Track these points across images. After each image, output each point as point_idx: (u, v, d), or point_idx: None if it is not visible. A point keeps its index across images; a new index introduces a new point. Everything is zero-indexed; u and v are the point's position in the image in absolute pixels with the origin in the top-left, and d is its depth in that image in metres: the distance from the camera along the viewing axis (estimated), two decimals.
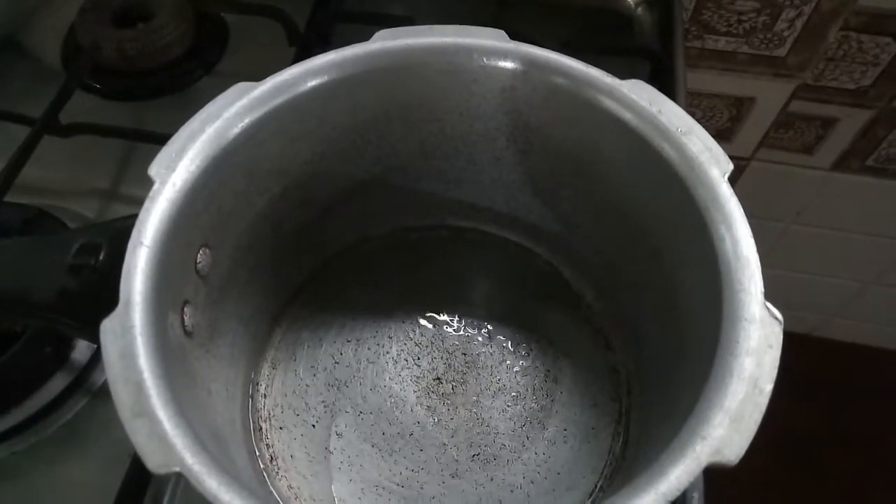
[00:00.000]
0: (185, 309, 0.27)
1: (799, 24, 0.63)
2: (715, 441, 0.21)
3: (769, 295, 0.24)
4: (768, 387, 0.22)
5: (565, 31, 0.51)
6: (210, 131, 0.28)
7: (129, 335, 0.23)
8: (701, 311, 0.26)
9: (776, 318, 0.23)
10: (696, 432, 0.22)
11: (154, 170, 0.26)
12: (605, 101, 0.29)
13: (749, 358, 0.23)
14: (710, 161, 0.27)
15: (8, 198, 0.42)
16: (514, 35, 0.31)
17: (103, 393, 0.39)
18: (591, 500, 0.33)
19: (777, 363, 0.23)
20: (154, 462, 0.21)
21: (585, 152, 0.31)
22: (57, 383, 0.38)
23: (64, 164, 0.47)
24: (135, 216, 0.26)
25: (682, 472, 0.21)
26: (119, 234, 0.26)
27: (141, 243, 0.25)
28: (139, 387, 0.22)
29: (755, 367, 0.22)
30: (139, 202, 0.26)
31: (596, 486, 0.34)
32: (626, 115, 0.28)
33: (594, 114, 0.29)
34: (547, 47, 0.31)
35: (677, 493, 0.21)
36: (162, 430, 0.21)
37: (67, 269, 0.28)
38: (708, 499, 0.34)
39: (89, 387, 0.39)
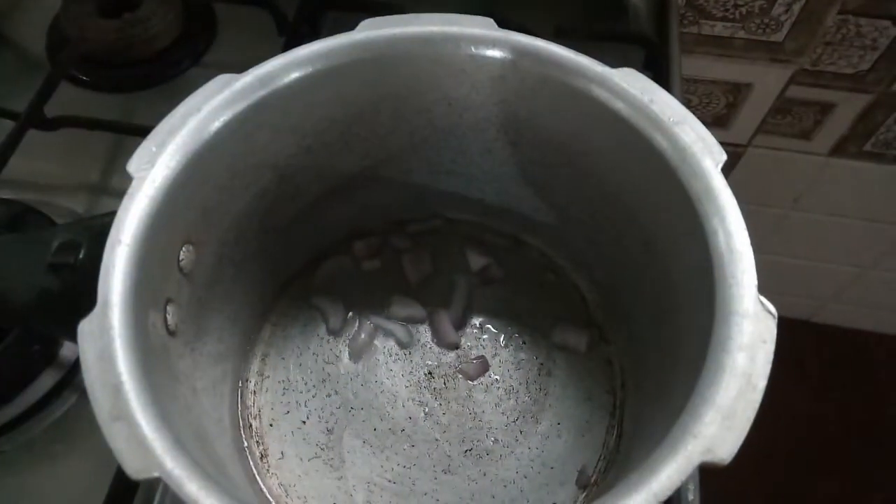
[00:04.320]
0: (168, 307, 0.27)
1: (796, 8, 0.62)
2: (706, 440, 0.21)
3: (768, 282, 0.23)
4: (762, 383, 0.22)
5: (559, 16, 0.50)
6: (191, 125, 0.27)
7: (108, 336, 0.22)
8: (695, 305, 0.26)
9: (770, 313, 0.23)
10: (687, 430, 0.21)
11: (133, 166, 0.26)
12: (595, 91, 0.28)
13: (742, 353, 0.22)
14: (702, 151, 0.26)
15: None
16: (505, 23, 0.30)
17: None
18: (584, 494, 0.33)
19: (771, 359, 0.22)
20: (133, 467, 0.20)
21: (576, 142, 0.31)
22: (45, 381, 0.38)
23: (50, 158, 0.46)
24: (115, 213, 0.25)
25: (673, 471, 0.21)
26: (99, 232, 0.26)
27: (119, 241, 0.24)
28: (117, 390, 0.21)
29: (748, 362, 0.22)
30: None
31: (590, 481, 0.33)
32: (617, 105, 0.28)
33: (584, 103, 0.29)
34: (540, 34, 0.30)
35: (669, 493, 0.21)
36: (141, 435, 0.21)
37: (46, 268, 0.28)
38: (704, 490, 0.33)
39: (78, 384, 0.38)
